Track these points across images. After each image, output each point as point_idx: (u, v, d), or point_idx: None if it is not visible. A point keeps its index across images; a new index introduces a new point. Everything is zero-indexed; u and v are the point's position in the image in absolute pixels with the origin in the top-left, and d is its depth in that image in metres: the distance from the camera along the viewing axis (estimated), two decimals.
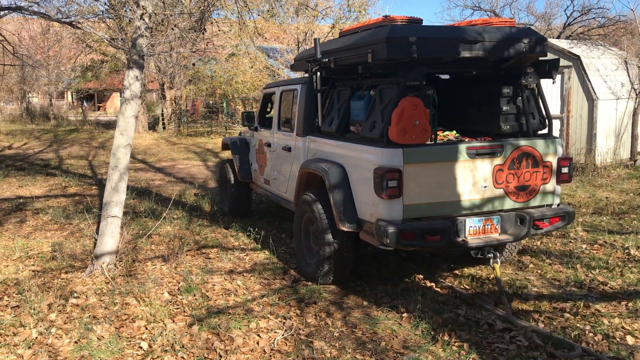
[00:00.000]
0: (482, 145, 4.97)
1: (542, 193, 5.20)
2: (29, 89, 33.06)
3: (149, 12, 6.01)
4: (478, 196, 4.95)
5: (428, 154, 4.78)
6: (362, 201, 5.00)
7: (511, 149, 5.00)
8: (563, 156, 5.24)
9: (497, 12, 18.88)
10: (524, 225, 4.99)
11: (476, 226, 4.92)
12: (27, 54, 22.97)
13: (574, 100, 11.78)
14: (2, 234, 7.46)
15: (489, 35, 4.94)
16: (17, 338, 4.34)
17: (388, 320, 4.64)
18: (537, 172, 5.13)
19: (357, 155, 5.09)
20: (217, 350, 4.10)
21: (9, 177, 12.14)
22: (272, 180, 7.14)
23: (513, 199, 5.07)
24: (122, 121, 5.99)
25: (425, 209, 4.79)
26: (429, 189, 4.78)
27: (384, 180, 4.56)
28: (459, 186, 4.88)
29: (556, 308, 4.82)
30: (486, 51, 4.91)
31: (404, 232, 4.59)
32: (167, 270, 5.88)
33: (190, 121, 27.05)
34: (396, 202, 4.65)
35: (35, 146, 19.13)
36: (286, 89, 6.93)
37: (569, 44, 12.87)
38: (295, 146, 6.39)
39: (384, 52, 4.66)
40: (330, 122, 5.77)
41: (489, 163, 4.95)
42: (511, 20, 5.55)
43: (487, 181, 4.96)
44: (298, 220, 5.89)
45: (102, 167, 13.93)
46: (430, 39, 4.79)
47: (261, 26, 18.20)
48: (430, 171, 4.78)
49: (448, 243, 4.75)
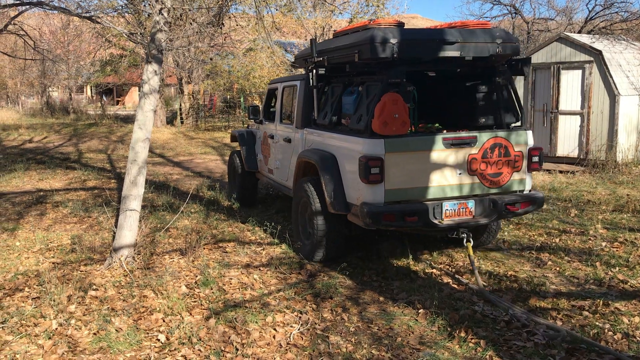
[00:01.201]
0: (456, 136, 5.46)
1: (514, 180, 5.68)
2: (49, 83, 33.52)
3: (168, 7, 6.04)
4: (454, 182, 5.45)
5: (407, 144, 5.28)
6: (350, 186, 5.50)
7: (484, 140, 5.49)
8: (533, 146, 5.73)
9: (517, 6, 18.67)
10: (496, 209, 5.47)
11: (452, 209, 5.41)
12: (47, 48, 23.26)
13: (594, 95, 11.62)
14: (23, 226, 7.58)
15: (465, 37, 5.44)
16: (37, 329, 4.40)
17: (404, 316, 4.63)
18: (509, 161, 5.61)
19: (345, 145, 5.61)
20: (233, 344, 4.12)
21: (30, 170, 12.31)
22: (275, 169, 7.65)
23: (486, 185, 5.57)
24: (141, 115, 6.03)
25: (405, 193, 5.31)
26: (408, 175, 5.29)
27: (367, 167, 5.09)
28: (435, 173, 5.39)
29: (575, 306, 4.76)
30: (462, 51, 5.41)
31: (385, 214, 5.13)
32: (184, 264, 5.93)
33: (208, 116, 27.16)
34: (379, 187, 5.18)
35: (55, 140, 19.36)
36: (287, 84, 7.44)
37: (590, 38, 12.69)
38: (295, 138, 6.91)
39: (368, 53, 5.19)
40: (325, 115, 6.27)
41: (464, 152, 5.44)
42: (487, 23, 5.98)
43: (462, 168, 5.46)
44: (295, 204, 6.42)
45: (121, 161, 14.06)
46: (410, 40, 5.29)
47: (279, 21, 18.22)
48: (410, 159, 5.29)
49: (425, 224, 5.27)
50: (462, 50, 5.41)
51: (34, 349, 4.11)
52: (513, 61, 5.81)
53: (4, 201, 9.14)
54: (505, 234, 7.00)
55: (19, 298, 5.06)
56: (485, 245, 6.49)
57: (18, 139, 19.56)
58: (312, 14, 19.82)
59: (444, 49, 5.37)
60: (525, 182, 5.74)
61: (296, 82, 7.03)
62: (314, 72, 6.21)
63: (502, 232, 7.10)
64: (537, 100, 12.63)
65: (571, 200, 8.78)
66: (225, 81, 23.98)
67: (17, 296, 5.11)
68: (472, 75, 6.06)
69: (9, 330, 4.40)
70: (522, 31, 19.28)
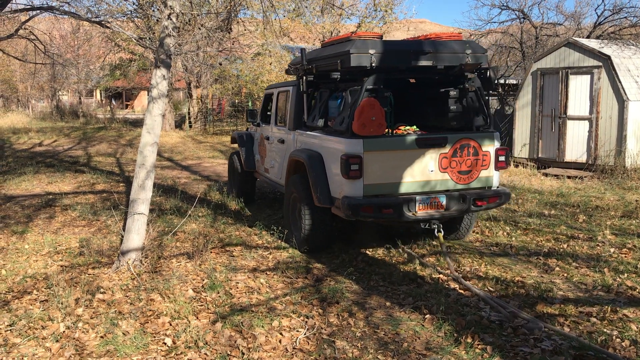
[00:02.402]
0: (428, 137, 6.02)
1: (482, 177, 6.23)
2: (59, 87, 33.76)
3: (177, 12, 6.08)
4: (426, 178, 5.99)
5: (384, 143, 5.83)
6: (333, 182, 6.03)
7: (454, 141, 6.02)
8: (500, 147, 6.29)
9: (526, 11, 18.60)
10: (466, 203, 6.00)
11: (425, 203, 5.95)
12: (57, 52, 23.43)
13: (603, 101, 11.58)
14: (32, 229, 7.63)
15: (437, 48, 6.05)
16: (45, 331, 4.43)
17: (411, 321, 4.62)
18: (477, 160, 6.16)
19: (330, 145, 6.16)
20: (239, 348, 4.13)
21: (39, 173, 12.39)
22: (270, 168, 8.18)
23: (456, 181, 6.11)
24: (149, 119, 6.07)
25: (382, 188, 5.84)
26: (385, 172, 5.84)
27: (347, 164, 5.64)
28: (410, 170, 5.92)
29: (582, 312, 4.74)
30: (434, 61, 6.02)
31: (364, 206, 5.66)
32: (191, 268, 5.95)
33: (216, 120, 27.26)
34: (358, 182, 5.73)
35: (64, 143, 19.49)
36: (281, 90, 8.02)
37: (599, 43, 12.64)
38: (287, 139, 7.46)
39: (349, 62, 5.74)
40: (314, 118, 6.85)
41: (435, 152, 5.97)
42: (459, 35, 6.53)
43: (434, 166, 6.00)
44: (287, 199, 6.98)
45: (129, 165, 14.13)
46: (387, 51, 5.86)
47: (287, 25, 18.27)
48: (386, 157, 5.83)
49: (399, 215, 5.78)
50: (434, 59, 6.02)
51: (41, 352, 4.14)
52: (481, 69, 6.36)
53: (14, 204, 9.21)
54: (512, 239, 6.98)
55: (27, 301, 5.10)
56: (462, 239, 6.99)
57: (28, 142, 19.70)
58: (320, 19, 19.88)
59: (417, 58, 5.98)
60: (493, 179, 6.30)
61: (289, 88, 7.59)
62: (304, 78, 6.70)
63: (509, 237, 7.08)
64: (545, 105, 12.60)
65: (579, 205, 8.75)
66: (233, 85, 24.05)
67: (25, 299, 5.14)
68: (446, 82, 6.62)
69: (17, 332, 4.43)
70: (530, 36, 19.21)
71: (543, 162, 12.72)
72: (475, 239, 7.08)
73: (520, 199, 9.26)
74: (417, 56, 5.98)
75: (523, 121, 13.18)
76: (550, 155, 12.55)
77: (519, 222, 7.75)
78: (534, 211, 8.39)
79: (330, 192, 6.07)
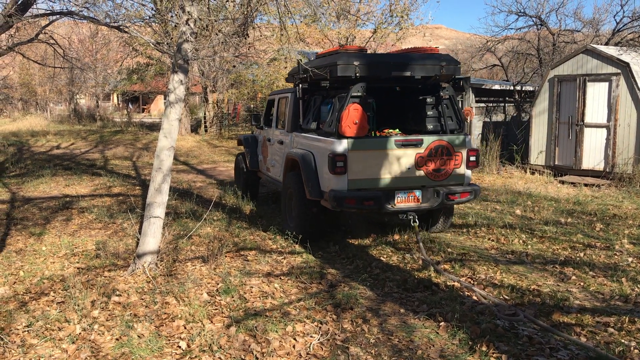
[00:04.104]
0: (406, 138, 6.72)
1: (454, 175, 6.93)
2: (77, 91, 34.13)
3: (195, 18, 6.12)
4: (404, 175, 6.69)
5: (366, 144, 6.57)
6: (322, 178, 6.73)
7: (429, 142, 6.73)
8: (471, 148, 6.96)
9: (543, 18, 18.46)
10: (439, 197, 6.74)
11: (402, 197, 6.72)
12: (76, 56, 23.70)
13: (622, 108, 11.46)
14: (49, 231, 7.71)
15: (414, 60, 6.84)
16: (62, 333, 4.47)
17: (425, 329, 4.60)
18: (450, 160, 6.85)
19: (320, 145, 6.84)
20: (253, 352, 4.14)
21: (57, 176, 12.53)
22: (272, 167, 8.84)
23: (431, 178, 6.81)
24: (166, 124, 6.12)
25: (364, 183, 6.55)
26: (367, 169, 6.54)
27: (334, 161, 6.36)
28: (389, 168, 6.64)
29: (599, 322, 4.68)
30: (412, 72, 6.78)
31: (348, 199, 6.37)
32: (206, 271, 5.97)
33: (232, 124, 27.38)
34: (343, 178, 6.45)
35: (81, 146, 19.69)
36: (282, 96, 8.76)
37: (617, 50, 12.53)
38: (286, 140, 8.14)
39: (336, 72, 6.53)
40: (308, 121, 7.63)
41: (412, 152, 6.68)
42: (435, 49, 7.34)
43: (411, 165, 6.69)
44: (284, 194, 7.74)
45: (146, 168, 14.23)
46: (369, 62, 6.64)
47: (303, 31, 18.32)
48: (368, 156, 6.55)
49: (379, 207, 6.49)
50: (412, 70, 6.78)
51: (58, 353, 4.18)
52: (455, 79, 7.14)
53: (32, 206, 9.32)
54: (528, 247, 6.93)
55: (44, 302, 5.15)
56: (442, 231, 7.68)
57: (46, 145, 19.94)
58: (336, 25, 19.89)
59: (397, 69, 6.76)
60: (464, 177, 7.00)
61: (288, 94, 8.33)
62: (300, 86, 7.46)
63: (525, 245, 7.03)
64: (562, 112, 12.51)
65: (596, 214, 8.66)
66: (249, 90, 24.14)
67: (42, 300, 5.20)
68: (425, 91, 7.39)
69: (34, 333, 4.48)
70: (547, 43, 19.06)
71: (559, 170, 12.61)
72: (490, 247, 7.03)
73: (536, 207, 9.19)
74: (396, 67, 6.77)
75: (540, 128, 13.09)
76: (567, 163, 12.44)
77: (535, 230, 7.69)
78: (550, 219, 8.31)
79: (320, 186, 6.76)
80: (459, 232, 7.76)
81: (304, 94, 7.65)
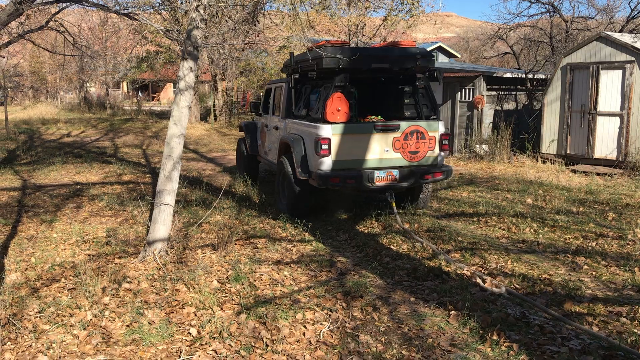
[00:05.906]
0: (384, 124, 7.45)
1: (429, 156, 7.65)
2: (87, 79, 34.21)
3: (205, 4, 6.08)
4: (383, 157, 7.42)
5: (348, 128, 7.26)
6: (310, 159, 7.42)
7: (405, 127, 7.44)
8: (444, 132, 7.70)
9: (556, 4, 18.20)
10: (414, 177, 7.44)
11: (381, 176, 7.30)
12: (86, 44, 23.70)
13: (635, 96, 11.32)
14: (60, 218, 7.75)
15: (392, 53, 7.73)
16: (73, 319, 4.50)
17: (435, 317, 4.59)
18: (424, 143, 7.57)
19: (308, 129, 7.55)
20: (263, 339, 4.14)
21: (67, 163, 12.59)
22: (269, 151, 9.51)
23: (407, 159, 7.52)
24: (176, 111, 6.10)
25: (347, 164, 7.27)
26: (349, 151, 7.26)
27: (319, 144, 7.10)
28: (369, 150, 7.35)
29: (612, 312, 4.64)
30: (390, 64, 7.62)
31: (331, 178, 7.08)
32: (216, 259, 5.98)
33: (241, 112, 27.35)
34: (327, 159, 7.17)
35: (92, 134, 19.76)
36: (277, 85, 9.43)
37: (632, 38, 12.35)
38: (281, 126, 8.79)
39: (321, 64, 7.25)
40: (299, 108, 8.30)
41: (390, 136, 7.40)
42: (413, 42, 8.24)
43: (389, 147, 7.41)
44: (278, 175, 8.41)
45: (156, 156, 14.27)
46: (352, 55, 7.27)
47: (313, 18, 18.21)
48: (350, 139, 7.26)
49: (360, 185, 7.21)
50: (390, 63, 7.60)
51: (69, 339, 4.20)
52: (430, 70, 7.93)
53: (43, 193, 9.37)
54: (539, 237, 6.88)
55: (55, 288, 5.18)
56: (421, 208, 8.31)
57: (56, 133, 20.03)
58: (346, 12, 19.75)
59: (376, 62, 7.56)
60: (438, 158, 7.70)
61: (283, 84, 8.99)
62: (292, 76, 8.13)
63: (536, 234, 6.98)
64: (575, 100, 12.37)
65: (609, 203, 8.58)
66: (258, 78, 24.08)
67: (54, 286, 5.23)
68: (403, 81, 8.13)
69: (46, 319, 4.51)
70: (560, 30, 18.81)
71: (571, 159, 12.50)
72: (501, 236, 6.99)
73: (547, 196, 9.12)
74: (376, 60, 7.56)
75: (552, 116, 12.97)
76: (579, 152, 12.33)
77: (546, 219, 7.63)
78: (562, 208, 8.25)
79: (309, 167, 7.43)
80: (469, 221, 7.72)
81: (296, 83, 8.34)
